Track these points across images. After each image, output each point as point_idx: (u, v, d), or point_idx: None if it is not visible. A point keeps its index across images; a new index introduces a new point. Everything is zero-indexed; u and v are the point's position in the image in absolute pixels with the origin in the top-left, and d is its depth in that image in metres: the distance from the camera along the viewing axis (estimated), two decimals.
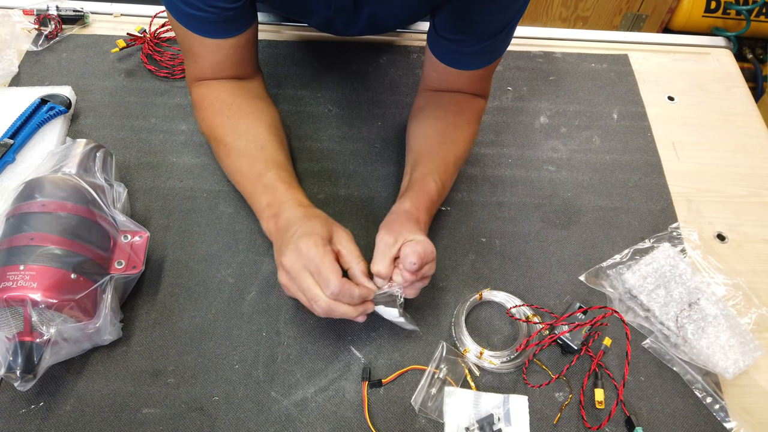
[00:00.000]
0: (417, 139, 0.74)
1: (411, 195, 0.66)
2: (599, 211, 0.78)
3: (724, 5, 2.04)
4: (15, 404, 0.59)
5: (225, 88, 0.72)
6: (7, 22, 0.91)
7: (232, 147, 0.68)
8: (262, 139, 0.68)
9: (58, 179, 0.62)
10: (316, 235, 0.56)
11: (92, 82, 0.86)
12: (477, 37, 0.68)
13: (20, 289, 0.54)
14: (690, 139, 0.88)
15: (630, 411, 0.62)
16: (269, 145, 0.68)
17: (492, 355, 0.64)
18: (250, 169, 0.67)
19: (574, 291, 0.71)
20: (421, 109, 0.76)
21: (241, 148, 0.68)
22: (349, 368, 0.63)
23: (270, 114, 0.73)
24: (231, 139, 0.69)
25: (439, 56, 0.72)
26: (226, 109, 0.70)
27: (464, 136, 0.74)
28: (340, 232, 0.59)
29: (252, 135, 0.69)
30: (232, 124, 0.69)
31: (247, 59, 0.73)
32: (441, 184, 0.68)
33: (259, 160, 0.67)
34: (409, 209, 0.64)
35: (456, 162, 0.72)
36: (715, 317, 0.66)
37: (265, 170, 0.65)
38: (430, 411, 0.61)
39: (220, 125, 0.70)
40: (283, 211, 0.61)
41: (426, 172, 0.68)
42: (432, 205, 0.67)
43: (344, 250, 0.58)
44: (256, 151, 0.67)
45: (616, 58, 0.97)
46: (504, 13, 0.65)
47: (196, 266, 0.69)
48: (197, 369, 0.62)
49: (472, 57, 0.71)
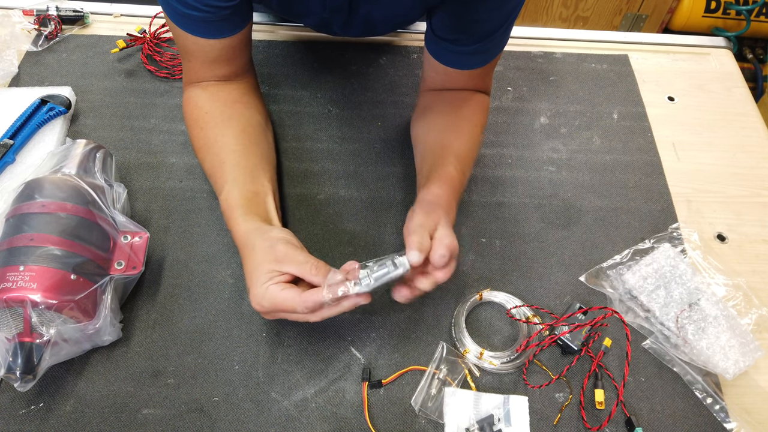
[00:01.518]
0: (428, 134, 0.73)
1: (439, 182, 0.64)
2: (599, 212, 0.78)
3: (724, 5, 2.04)
4: (15, 405, 0.59)
5: (205, 94, 0.71)
6: (6, 22, 0.91)
7: (203, 161, 0.70)
8: (224, 153, 0.67)
9: (58, 180, 0.62)
10: (266, 280, 0.55)
11: (92, 82, 0.86)
12: (474, 36, 0.67)
13: (20, 290, 0.54)
14: (690, 139, 0.88)
15: (630, 411, 0.62)
16: (231, 157, 0.67)
17: (492, 356, 0.64)
18: (215, 185, 0.67)
19: (574, 291, 0.71)
20: (426, 108, 0.76)
21: (207, 163, 0.69)
22: (349, 369, 0.63)
23: (245, 119, 0.71)
24: (201, 154, 0.70)
25: (438, 57, 0.72)
26: (200, 119, 0.70)
27: (473, 125, 0.73)
28: (286, 252, 0.56)
29: (217, 148, 0.68)
30: (204, 135, 0.69)
31: (240, 58, 0.72)
32: (462, 172, 0.67)
33: (219, 178, 0.66)
34: (438, 196, 0.62)
35: (472, 151, 0.71)
36: (715, 318, 0.66)
37: (221, 190, 0.65)
38: (430, 411, 0.61)
39: (195, 137, 0.71)
40: (235, 236, 0.62)
41: (446, 162, 0.67)
42: (458, 193, 0.66)
43: (296, 270, 0.56)
44: (217, 168, 0.67)
45: (616, 58, 0.97)
46: (499, 10, 0.65)
47: (196, 267, 0.69)
48: (197, 369, 0.62)
49: (471, 56, 0.71)
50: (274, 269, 0.55)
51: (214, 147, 0.68)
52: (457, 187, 0.65)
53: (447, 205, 0.62)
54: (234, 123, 0.70)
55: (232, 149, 0.68)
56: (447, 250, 0.55)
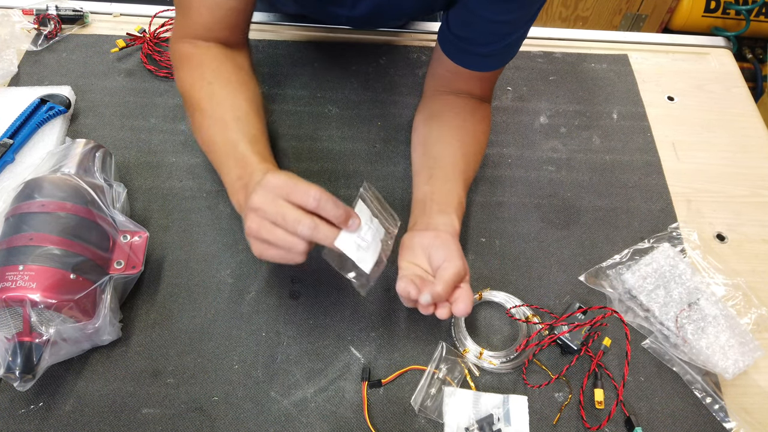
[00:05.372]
0: (438, 145, 0.73)
1: (458, 214, 0.66)
2: (599, 211, 0.78)
3: (724, 5, 2.04)
4: (14, 404, 0.59)
5: (212, 52, 0.69)
6: (6, 22, 0.91)
7: (209, 114, 0.65)
8: (240, 111, 0.65)
9: (58, 179, 0.62)
10: (284, 173, 0.54)
11: (92, 82, 0.86)
12: (491, 36, 0.67)
13: (19, 290, 0.54)
14: (690, 139, 0.88)
15: (630, 411, 0.62)
16: (247, 117, 0.65)
17: (491, 356, 0.64)
18: (224, 140, 0.63)
19: (573, 291, 0.71)
20: (437, 114, 0.75)
21: (217, 117, 0.65)
22: (349, 368, 0.63)
23: (252, 87, 0.70)
24: (208, 106, 0.65)
25: (452, 56, 0.71)
26: (208, 74, 0.68)
27: (481, 149, 0.75)
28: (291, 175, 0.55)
29: (230, 105, 0.65)
30: (212, 90, 0.66)
31: (241, 25, 0.71)
32: (465, 194, 0.70)
33: (234, 131, 0.63)
34: (458, 232, 0.64)
35: (475, 171, 0.74)
36: (714, 317, 0.66)
37: (239, 142, 0.62)
38: (430, 411, 0.61)
39: (199, 88, 0.67)
40: (252, 180, 0.57)
41: (458, 187, 0.69)
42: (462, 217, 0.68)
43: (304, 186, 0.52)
44: (232, 123, 0.64)
45: (615, 58, 0.97)
46: (518, 12, 0.65)
47: (195, 266, 0.69)
48: (197, 369, 0.62)
49: (486, 58, 0.71)
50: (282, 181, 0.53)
51: (225, 103, 0.65)
52: (463, 213, 0.68)
53: (458, 243, 0.63)
54: (245, 89, 0.68)
55: (246, 111, 0.66)
56: (469, 309, 0.58)
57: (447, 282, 0.58)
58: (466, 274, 0.60)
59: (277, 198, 0.52)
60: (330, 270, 0.70)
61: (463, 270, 0.60)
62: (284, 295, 0.68)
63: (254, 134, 0.64)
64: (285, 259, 0.54)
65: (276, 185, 0.52)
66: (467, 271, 0.60)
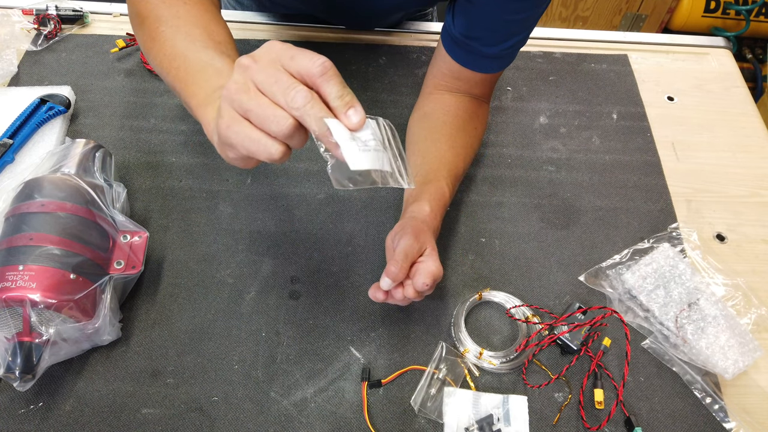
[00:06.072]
0: (426, 142, 0.73)
1: (431, 200, 0.65)
2: (599, 212, 0.78)
3: (724, 5, 2.04)
4: (14, 404, 0.59)
5: None
6: (6, 21, 0.91)
7: (173, 27, 0.57)
8: (206, 21, 0.58)
9: (58, 179, 0.62)
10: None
11: (91, 82, 0.86)
12: (500, 35, 0.67)
13: (19, 290, 0.54)
14: (689, 139, 0.88)
15: (629, 411, 0.62)
16: (218, 28, 0.58)
17: (491, 356, 0.64)
18: (194, 52, 0.55)
19: (573, 291, 0.71)
20: (430, 113, 0.75)
21: (183, 29, 0.57)
22: (349, 368, 0.63)
23: (213, 4, 0.63)
24: (173, 21, 0.57)
25: (457, 57, 0.71)
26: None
27: (473, 142, 0.75)
28: None
29: (193, 17, 0.58)
30: (171, 3, 0.59)
31: None
32: (451, 190, 0.69)
33: (206, 41, 0.55)
34: (429, 216, 0.63)
35: (465, 168, 0.73)
36: (714, 317, 0.66)
37: (216, 53, 0.54)
38: (430, 411, 0.61)
39: (157, 5, 0.59)
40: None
41: (439, 176, 0.68)
42: (444, 211, 0.68)
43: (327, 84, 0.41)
44: (203, 34, 0.56)
45: (615, 58, 0.97)
46: (530, 11, 0.65)
47: (195, 266, 0.69)
48: (196, 369, 0.62)
49: (491, 59, 0.70)
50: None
51: (188, 17, 0.59)
52: (446, 205, 0.67)
53: (435, 227, 0.64)
54: (206, 2, 0.61)
55: (217, 22, 0.59)
56: (431, 279, 0.57)
57: (397, 259, 0.56)
58: (422, 250, 0.59)
59: (274, 61, 0.42)
60: (330, 270, 0.70)
61: (416, 245, 0.58)
62: (284, 295, 0.68)
63: (229, 42, 0.58)
64: (257, 146, 0.41)
65: (277, 48, 0.42)
66: (424, 247, 0.59)
